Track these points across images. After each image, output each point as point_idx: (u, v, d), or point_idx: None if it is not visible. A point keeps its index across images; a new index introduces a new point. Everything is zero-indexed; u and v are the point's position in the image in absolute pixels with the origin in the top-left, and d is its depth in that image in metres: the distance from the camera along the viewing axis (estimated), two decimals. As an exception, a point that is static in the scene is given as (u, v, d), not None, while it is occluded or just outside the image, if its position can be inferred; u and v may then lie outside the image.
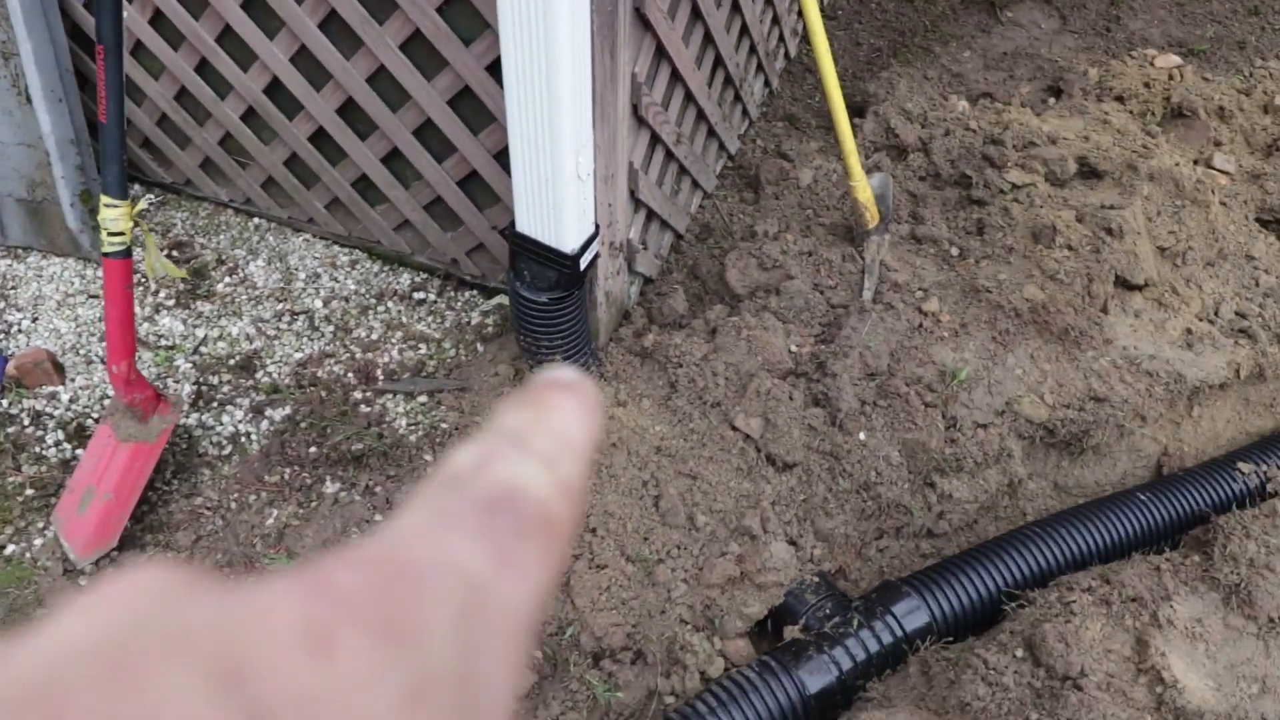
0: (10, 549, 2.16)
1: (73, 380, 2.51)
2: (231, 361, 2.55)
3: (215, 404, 2.44)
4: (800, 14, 3.51)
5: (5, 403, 2.44)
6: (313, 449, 2.28)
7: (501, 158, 2.35)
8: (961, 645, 2.05)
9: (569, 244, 2.08)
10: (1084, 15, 3.92)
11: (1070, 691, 1.81)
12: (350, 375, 2.50)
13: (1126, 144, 3.04)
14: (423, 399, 2.43)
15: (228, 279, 2.80)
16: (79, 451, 2.34)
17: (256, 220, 2.97)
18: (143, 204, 2.01)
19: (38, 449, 2.35)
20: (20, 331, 2.65)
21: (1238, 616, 2.05)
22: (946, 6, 4.02)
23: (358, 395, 2.44)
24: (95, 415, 2.43)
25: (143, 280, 2.72)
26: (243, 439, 2.36)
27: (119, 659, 0.18)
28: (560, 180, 1.97)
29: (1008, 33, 3.88)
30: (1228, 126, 3.26)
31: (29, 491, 2.26)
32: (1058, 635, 1.91)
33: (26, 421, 2.41)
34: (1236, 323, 2.74)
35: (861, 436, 2.34)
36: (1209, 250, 2.84)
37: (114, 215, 1.95)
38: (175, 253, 2.86)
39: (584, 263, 2.15)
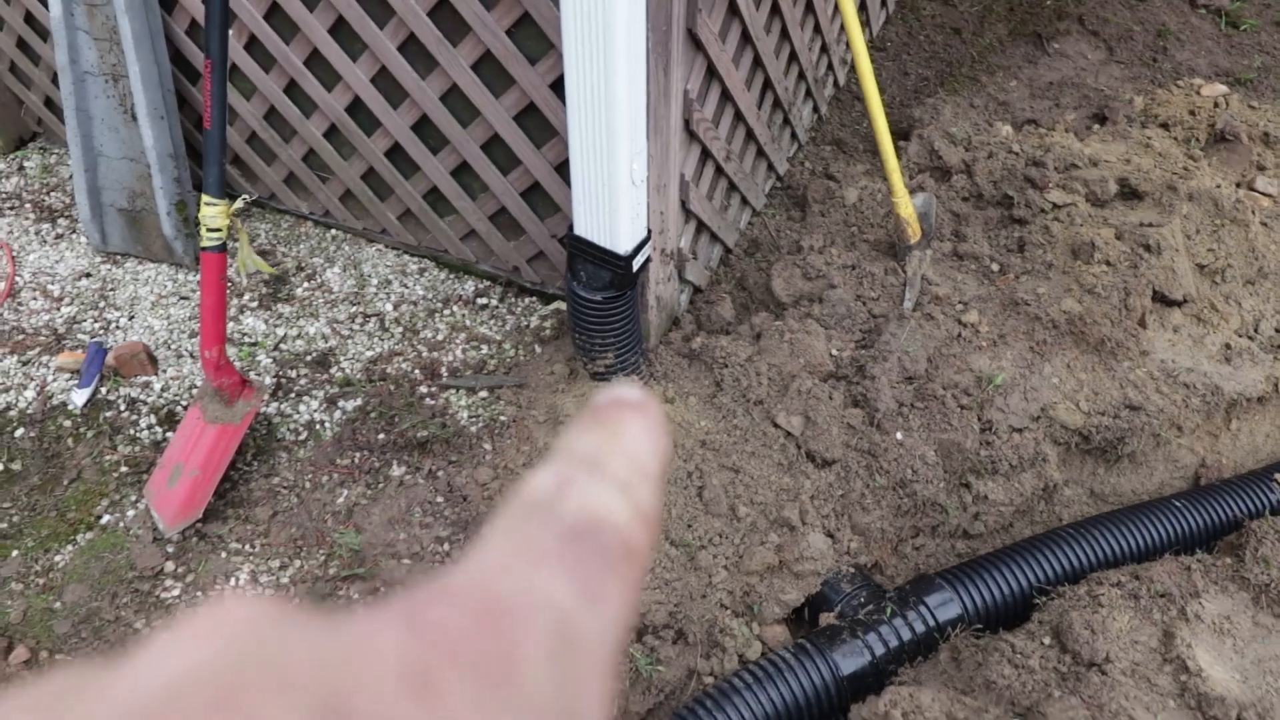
0: (106, 519, 2.36)
1: (165, 371, 2.73)
2: (309, 357, 2.75)
3: (293, 394, 2.63)
4: (848, 43, 3.67)
5: (104, 390, 2.66)
6: (381, 435, 2.45)
7: (561, 170, 2.53)
8: (991, 636, 2.13)
9: (622, 245, 2.24)
10: (1131, 46, 4.01)
11: (1095, 675, 1.88)
12: (417, 371, 2.68)
13: (1168, 166, 3.12)
14: (483, 394, 2.59)
15: (306, 284, 3.01)
16: (169, 434, 2.54)
17: (334, 231, 3.19)
18: (239, 204, 2.21)
19: (132, 431, 2.56)
20: (119, 328, 2.89)
21: (1267, 615, 2.09)
22: (994, 39, 4.14)
23: (423, 390, 2.61)
24: (184, 403, 2.63)
25: (230, 284, 2.94)
26: (317, 426, 2.54)
27: (224, 691, 0.18)
28: (615, 185, 2.13)
29: (1054, 63, 3.98)
30: (1272, 152, 3.31)
31: (124, 469, 2.47)
32: (1085, 623, 1.98)
33: (123, 407, 2.62)
34: (1276, 339, 2.78)
35: (899, 436, 2.44)
36: (1249, 268, 2.90)
37: (213, 213, 2.16)
38: (232, 272, 3.08)
39: (636, 264, 2.30)
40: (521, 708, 0.21)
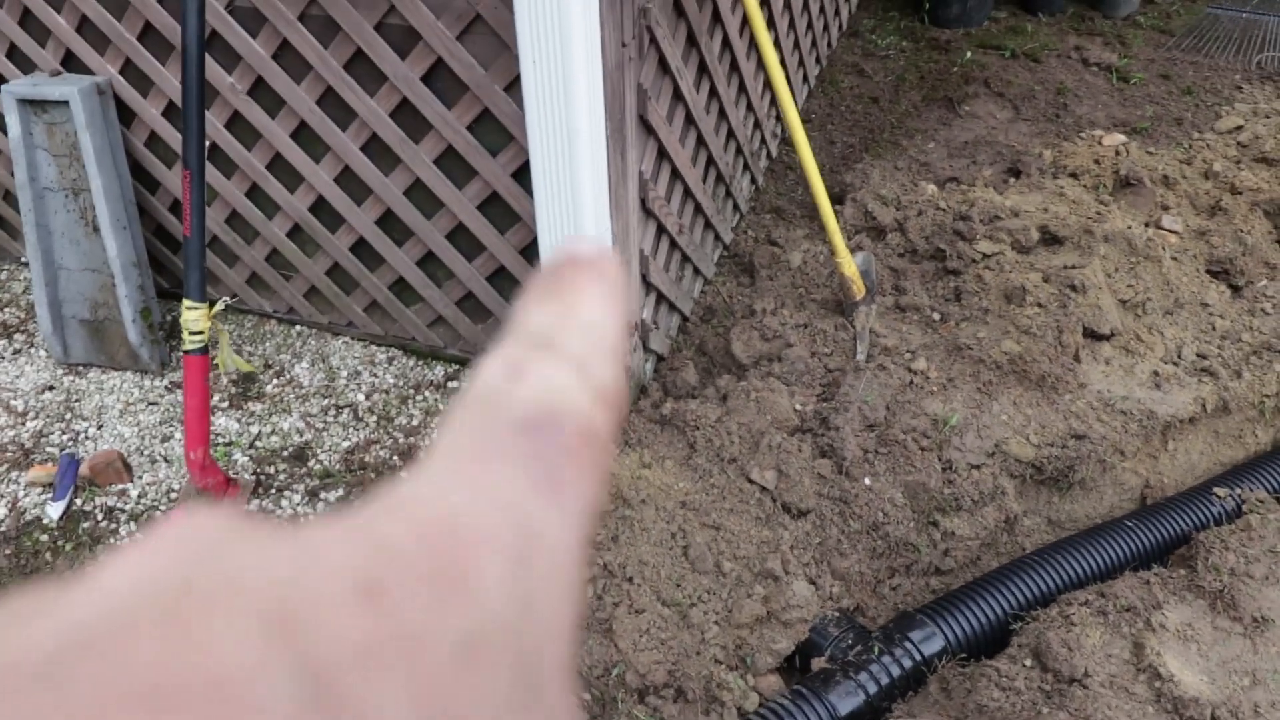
0: (93, 631, 2.34)
1: (140, 477, 2.73)
2: (285, 453, 2.78)
3: (274, 490, 2.66)
4: (779, 118, 3.89)
5: (79, 501, 2.66)
6: (368, 523, 2.49)
7: (526, 252, 2.65)
8: (975, 663, 2.23)
9: (594, 320, 2.35)
10: (1034, 105, 4.33)
11: (1077, 689, 2.00)
12: (395, 458, 2.73)
13: (1082, 212, 3.37)
14: (463, 474, 2.65)
15: (275, 381, 3.06)
16: (151, 540, 2.54)
17: (299, 327, 3.25)
18: (219, 306, 2.27)
19: (112, 540, 2.55)
20: (88, 438, 2.89)
21: (1224, 619, 2.24)
22: (909, 105, 4.42)
23: (403, 475, 2.66)
24: (163, 508, 2.64)
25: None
26: (302, 519, 2.56)
27: (172, 605, 0.18)
28: (585, 264, 2.25)
29: (967, 124, 4.27)
30: (1173, 192, 3.60)
31: (107, 579, 2.45)
32: (1061, 642, 2.11)
33: (100, 516, 2.62)
34: (1198, 363, 3.00)
35: (867, 482, 2.57)
36: (1166, 300, 3.13)
37: (195, 316, 2.22)
38: (215, 369, 3.12)
39: (607, 337, 2.41)
40: (477, 609, 0.20)
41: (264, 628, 0.18)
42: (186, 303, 2.21)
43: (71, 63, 2.92)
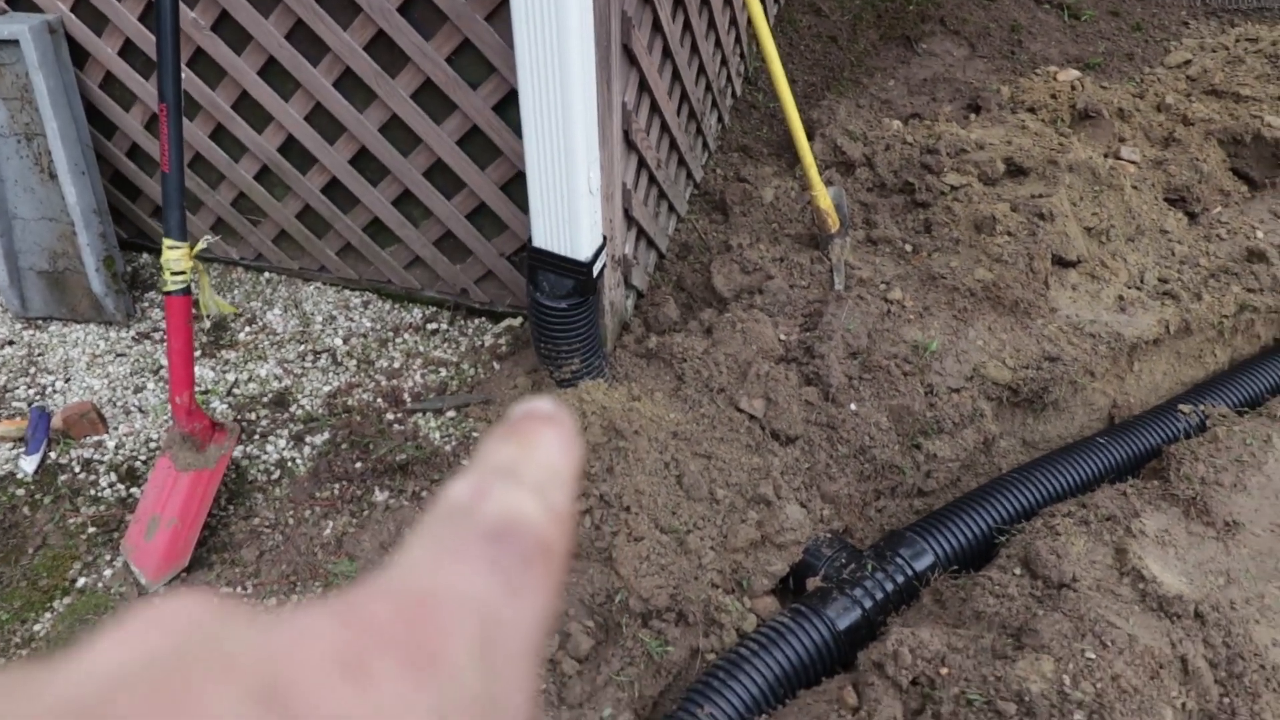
0: (82, 581, 2.29)
1: (116, 429, 2.66)
2: (265, 399, 2.73)
3: (257, 436, 2.61)
4: (743, 56, 3.88)
5: (54, 454, 2.58)
6: (358, 464, 2.47)
7: (508, 189, 2.61)
8: (967, 575, 2.31)
9: (584, 252, 2.34)
10: (990, 42, 4.38)
11: (1068, 593, 2.08)
12: (380, 400, 2.70)
13: (1044, 144, 3.43)
14: (451, 414, 2.64)
15: (248, 329, 2.99)
16: (135, 490, 2.48)
17: (268, 275, 3.17)
18: (201, 244, 2.21)
19: (92, 491, 2.49)
20: (56, 392, 2.80)
21: (1198, 524, 2.34)
22: (868, 44, 4.44)
23: (389, 416, 2.64)
24: (143, 458, 2.58)
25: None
26: (289, 464, 2.53)
27: (165, 681, 0.19)
28: (575, 195, 2.24)
29: (925, 62, 4.31)
30: (1128, 125, 3.69)
31: (91, 529, 2.40)
32: (1049, 549, 2.19)
33: (78, 469, 2.55)
34: (1160, 287, 3.10)
35: (853, 407, 2.62)
36: (1128, 227, 3.22)
37: (176, 256, 2.16)
38: (195, 312, 3.03)
39: (596, 269, 2.40)
40: (448, 687, 0.22)
41: (255, 700, 0.19)
42: (167, 242, 2.15)
43: (18, 0, 2.79)
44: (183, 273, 2.18)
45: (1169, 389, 3.08)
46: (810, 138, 3.61)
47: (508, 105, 2.43)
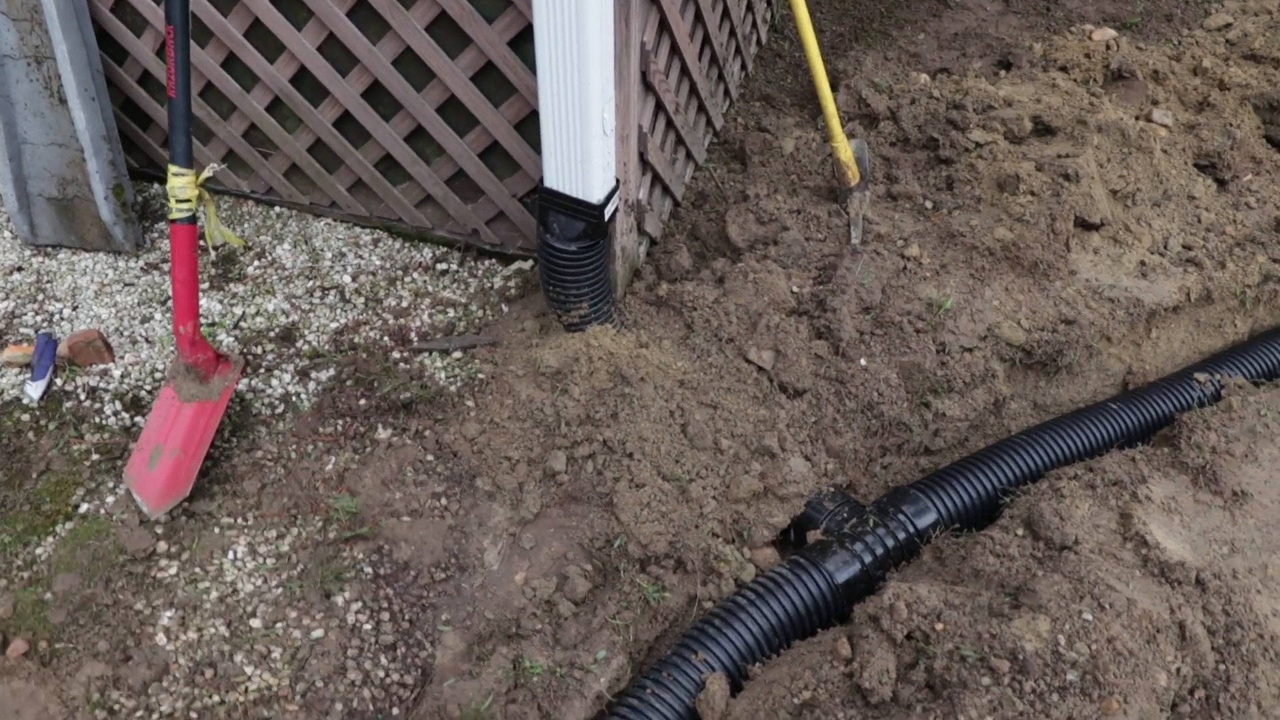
0: (85, 507, 2.31)
1: (122, 358, 2.66)
2: (272, 334, 2.72)
3: (263, 370, 2.61)
4: (769, 3, 3.79)
5: (60, 381, 2.59)
6: (362, 401, 2.46)
7: (522, 128, 2.57)
8: (968, 534, 2.29)
9: (595, 194, 2.30)
10: (1024, -3, 4.25)
11: (1069, 555, 2.06)
12: (386, 338, 2.69)
13: (1074, 104, 3.35)
14: (457, 355, 2.62)
15: (257, 263, 2.97)
16: (138, 419, 2.49)
17: (278, 209, 3.15)
18: (208, 172, 2.18)
19: (97, 419, 2.50)
20: (63, 319, 2.80)
21: (1206, 493, 2.31)
22: (898, -5, 4.33)
23: (396, 355, 2.63)
24: (148, 388, 2.58)
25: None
26: (294, 398, 2.53)
27: None
28: (589, 135, 2.19)
29: (957, 16, 4.20)
30: (1162, 87, 3.59)
31: (95, 456, 2.41)
32: (1053, 511, 2.16)
33: (83, 396, 2.55)
34: (1184, 254, 3.04)
35: (863, 362, 2.59)
36: (1155, 191, 3.15)
37: (181, 183, 2.13)
38: (201, 242, 3.02)
39: (608, 213, 2.36)
40: None
41: None
42: (172, 168, 2.12)
43: (29, -83, 2.74)
44: (188, 200, 2.15)
45: (1186, 357, 3.03)
46: (835, 89, 3.53)
47: (523, 41, 2.38)
